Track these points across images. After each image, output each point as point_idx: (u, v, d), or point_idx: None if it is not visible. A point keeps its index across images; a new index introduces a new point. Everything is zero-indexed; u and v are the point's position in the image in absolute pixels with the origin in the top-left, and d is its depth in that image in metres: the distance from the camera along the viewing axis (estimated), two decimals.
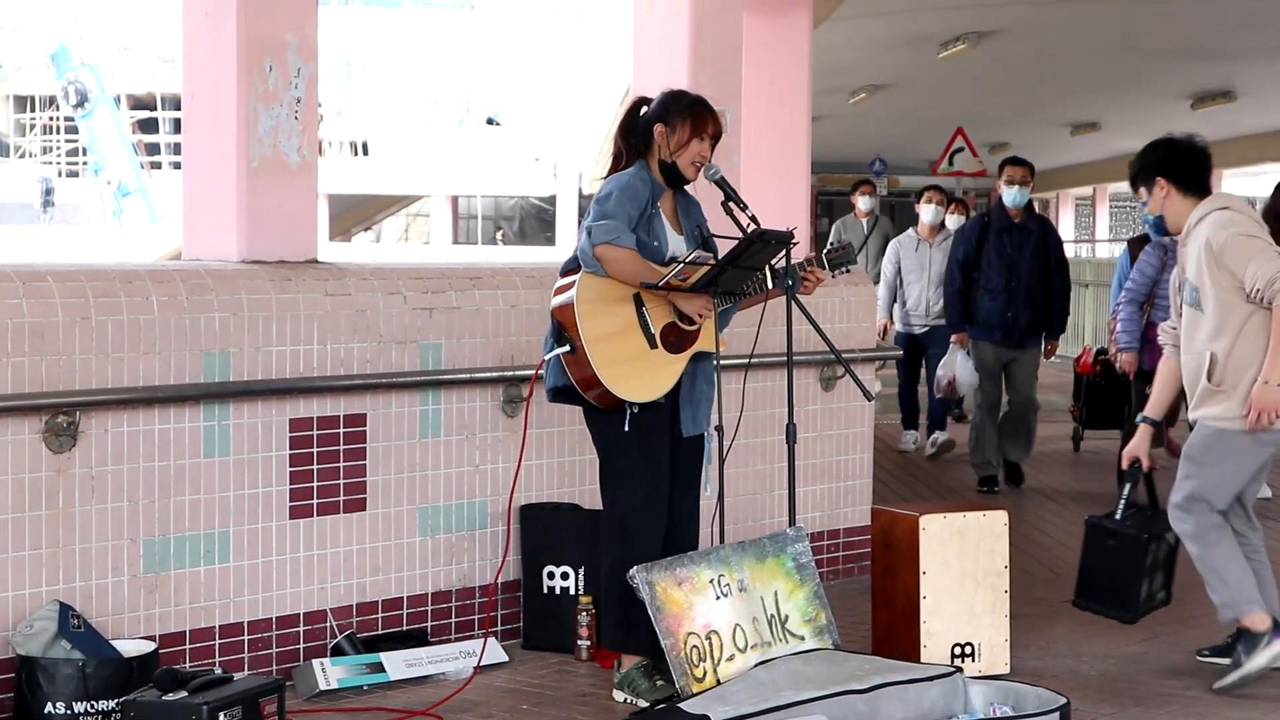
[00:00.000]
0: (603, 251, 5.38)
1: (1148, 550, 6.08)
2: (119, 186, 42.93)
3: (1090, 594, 6.21)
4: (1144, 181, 6.04)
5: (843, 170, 38.59)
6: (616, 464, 5.57)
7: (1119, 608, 6.14)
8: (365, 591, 6.02)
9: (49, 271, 5.34)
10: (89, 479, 5.32)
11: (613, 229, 5.38)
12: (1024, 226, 10.06)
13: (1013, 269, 9.96)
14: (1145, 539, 6.07)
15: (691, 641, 5.29)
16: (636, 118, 5.65)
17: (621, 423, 5.49)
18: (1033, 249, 10.01)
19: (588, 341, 5.36)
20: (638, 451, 5.52)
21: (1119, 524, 6.13)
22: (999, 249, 10.00)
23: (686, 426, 5.60)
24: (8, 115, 61.01)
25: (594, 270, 5.41)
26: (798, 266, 5.61)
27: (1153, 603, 6.21)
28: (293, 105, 6.05)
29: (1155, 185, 5.99)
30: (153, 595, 5.48)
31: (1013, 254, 9.99)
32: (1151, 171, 6.02)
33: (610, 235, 5.37)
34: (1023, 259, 9.98)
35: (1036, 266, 10.01)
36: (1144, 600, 6.15)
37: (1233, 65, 21.45)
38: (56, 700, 5.01)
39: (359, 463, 5.98)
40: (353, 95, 51.20)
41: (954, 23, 18.33)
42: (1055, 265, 10.05)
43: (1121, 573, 6.11)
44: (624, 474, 5.55)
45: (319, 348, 5.85)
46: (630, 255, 5.40)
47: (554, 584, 6.29)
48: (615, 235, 5.38)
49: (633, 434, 5.48)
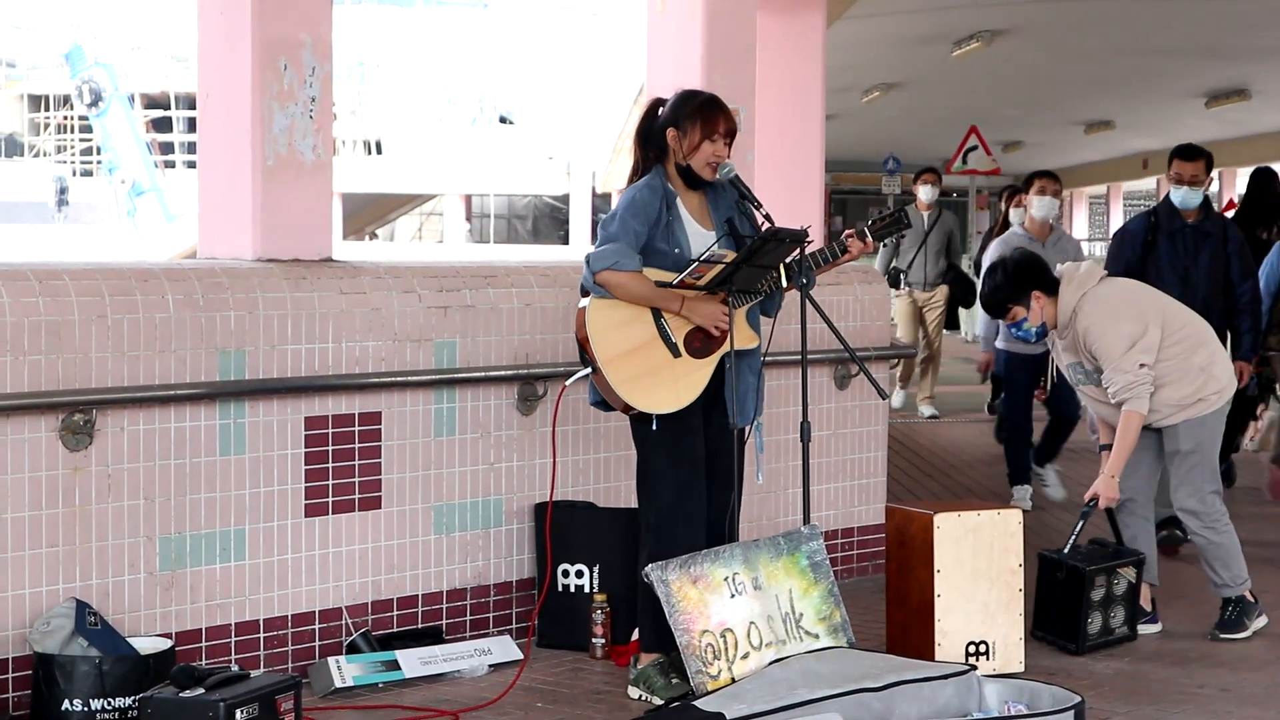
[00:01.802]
0: (604, 278, 5.42)
1: (1093, 583, 6.30)
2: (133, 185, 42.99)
3: (1043, 625, 6.41)
4: (1019, 301, 6.47)
5: (856, 169, 38.61)
6: (651, 466, 5.59)
7: (1067, 638, 6.32)
8: (380, 589, 6.03)
9: (65, 270, 5.35)
10: (105, 477, 5.33)
11: (611, 254, 5.41)
12: (1200, 229, 8.32)
13: (1186, 279, 8.23)
14: (1090, 572, 6.30)
15: (706, 639, 5.30)
16: (652, 122, 5.66)
17: (650, 425, 5.51)
18: (1210, 255, 8.31)
19: (604, 363, 5.42)
20: (667, 452, 5.54)
21: (1066, 557, 6.39)
22: (1170, 255, 8.29)
23: (736, 419, 5.57)
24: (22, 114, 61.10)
25: (602, 294, 5.45)
26: (835, 242, 5.66)
27: (1109, 636, 6.37)
28: (307, 104, 6.06)
29: (1033, 299, 6.45)
30: (169, 593, 5.49)
31: (1186, 262, 8.30)
32: (1027, 289, 6.46)
33: (608, 262, 5.41)
34: (1198, 267, 8.28)
35: (1215, 276, 8.30)
36: (1097, 634, 6.33)
37: (1247, 64, 21.42)
38: (73, 697, 5.02)
39: (374, 461, 5.99)
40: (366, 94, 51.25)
41: (967, 21, 18.32)
42: (1239, 272, 8.34)
43: (1069, 605, 6.31)
44: (655, 474, 5.57)
45: (334, 346, 5.87)
46: (632, 278, 5.43)
47: (569, 582, 6.29)
48: (614, 260, 5.41)
49: (661, 435, 5.50)
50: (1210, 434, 6.49)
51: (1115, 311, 6.36)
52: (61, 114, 55.79)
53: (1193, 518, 6.48)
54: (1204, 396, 6.43)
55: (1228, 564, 6.52)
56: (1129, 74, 22.67)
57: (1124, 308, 6.39)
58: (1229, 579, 6.53)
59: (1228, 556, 6.51)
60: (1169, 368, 6.38)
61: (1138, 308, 6.40)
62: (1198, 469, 6.45)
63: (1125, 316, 6.35)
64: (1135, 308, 6.40)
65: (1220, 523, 6.49)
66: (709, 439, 5.62)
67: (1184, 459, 6.45)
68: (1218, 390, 6.44)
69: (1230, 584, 6.53)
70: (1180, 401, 6.40)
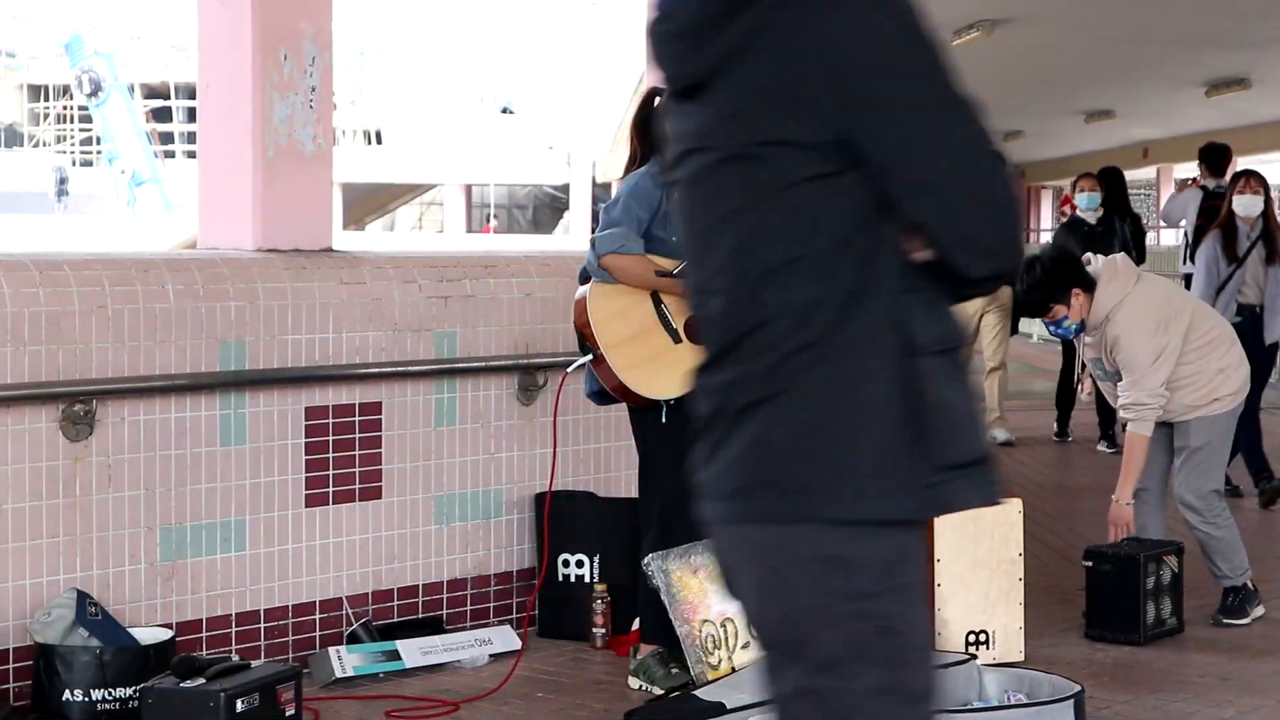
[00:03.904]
0: (609, 261, 5.42)
1: (1145, 569, 6.26)
2: (133, 175, 43.03)
3: (1096, 623, 6.35)
4: (1060, 300, 6.36)
5: None
6: (654, 457, 5.59)
7: (1126, 630, 6.27)
8: (381, 579, 6.03)
9: (65, 260, 5.36)
10: (106, 467, 5.34)
11: (616, 237, 5.42)
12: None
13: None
14: (1144, 558, 6.27)
15: (707, 629, 5.30)
16: (649, 112, 5.66)
17: (658, 417, 5.51)
18: None
19: (606, 349, 5.41)
20: (674, 444, 5.53)
21: (1112, 548, 6.38)
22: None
23: None
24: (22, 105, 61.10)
25: (604, 279, 5.45)
26: None
27: (1162, 627, 6.34)
28: (308, 94, 6.06)
29: (1073, 297, 6.34)
30: (169, 583, 5.50)
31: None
32: (1067, 287, 6.35)
33: (613, 244, 5.41)
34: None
35: None
36: (1152, 624, 6.29)
37: (1249, 53, 21.39)
38: (74, 688, 5.03)
39: (374, 451, 5.99)
40: (367, 84, 51.25)
41: (967, 10, 18.30)
42: None
43: (1124, 596, 6.28)
44: (662, 467, 5.56)
45: (334, 336, 5.87)
46: (637, 260, 5.42)
47: (569, 572, 6.30)
48: (619, 243, 5.41)
49: (669, 426, 5.50)
50: (1222, 432, 6.46)
51: (1145, 324, 6.27)
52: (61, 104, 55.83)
53: (1192, 513, 6.47)
54: (1219, 396, 6.39)
55: (1228, 557, 6.52)
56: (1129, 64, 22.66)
57: (1154, 317, 6.29)
58: (1229, 570, 6.53)
59: (1229, 550, 6.51)
60: (1187, 370, 6.33)
61: (1167, 314, 6.32)
62: (1203, 465, 6.43)
63: (1153, 329, 6.27)
64: (1165, 314, 6.31)
65: (1221, 518, 6.48)
66: None
67: (1192, 454, 6.43)
68: (1233, 391, 6.40)
69: (1231, 575, 6.53)
70: (1194, 404, 6.38)
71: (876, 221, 2.34)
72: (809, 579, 2.35)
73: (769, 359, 2.35)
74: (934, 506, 2.37)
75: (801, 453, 2.33)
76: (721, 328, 2.42)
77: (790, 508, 2.34)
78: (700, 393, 2.47)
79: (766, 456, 2.35)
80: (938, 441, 2.33)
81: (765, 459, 2.35)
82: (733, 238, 2.39)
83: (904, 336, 2.34)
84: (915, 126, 2.31)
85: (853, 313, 2.33)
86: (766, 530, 2.36)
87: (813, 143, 2.32)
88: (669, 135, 2.55)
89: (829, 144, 2.32)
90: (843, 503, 2.32)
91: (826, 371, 2.33)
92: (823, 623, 2.36)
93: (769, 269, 2.35)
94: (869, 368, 2.33)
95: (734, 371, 2.39)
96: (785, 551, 2.35)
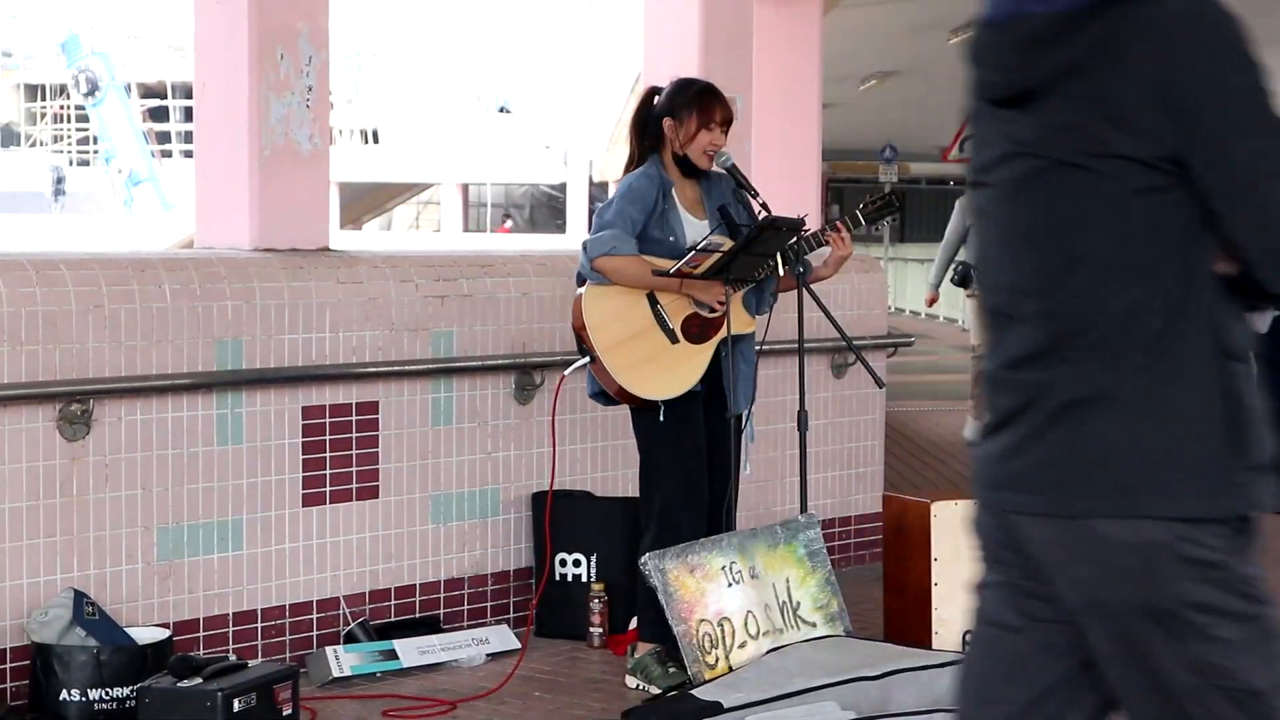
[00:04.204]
0: (602, 264, 5.42)
1: None
2: (130, 175, 43.04)
3: None
4: None
5: (853, 157, 38.63)
6: (654, 456, 5.59)
7: None
8: (378, 579, 6.03)
9: (62, 260, 5.35)
10: (103, 467, 5.34)
11: (608, 239, 5.42)
12: None
13: None
14: None
15: (704, 628, 5.31)
16: (647, 112, 5.66)
17: (657, 417, 5.51)
18: None
19: (602, 351, 5.42)
20: (673, 443, 5.54)
21: None
22: None
23: (734, 406, 5.57)
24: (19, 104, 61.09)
25: (599, 281, 5.45)
26: (819, 231, 5.63)
27: None
28: (304, 93, 6.06)
29: None
30: (166, 583, 5.50)
31: None
32: None
33: (605, 247, 5.41)
34: None
35: None
36: None
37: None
38: (71, 687, 5.02)
39: (371, 450, 5.99)
40: (363, 83, 51.27)
41: (964, 8, 18.29)
42: None
43: None
44: (661, 466, 5.57)
45: (331, 336, 5.87)
46: (630, 261, 5.42)
47: (566, 571, 6.30)
48: (611, 246, 5.41)
49: (668, 425, 5.50)
50: None
51: None
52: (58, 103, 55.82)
53: None
54: None
55: None
56: None
57: None
58: None
59: None
60: None
61: None
62: None
63: None
64: None
65: None
66: (707, 431, 5.62)
67: None
68: None
69: None
70: None
71: (1200, 234, 2.46)
72: (1169, 571, 2.46)
73: (1098, 360, 2.47)
74: (1246, 504, 2.49)
75: (1132, 451, 2.45)
76: (1039, 327, 2.52)
77: (1124, 504, 2.45)
78: (1003, 386, 2.58)
79: (1095, 453, 2.46)
80: (1248, 443, 2.47)
81: (1094, 456, 2.46)
82: (1060, 242, 2.49)
83: (1221, 343, 2.47)
84: (1244, 152, 2.43)
85: (1178, 320, 2.45)
86: (1098, 524, 2.47)
87: (1146, 159, 2.42)
88: (980, 138, 2.63)
89: (1162, 159, 2.42)
90: (1174, 500, 2.44)
91: (1155, 374, 2.45)
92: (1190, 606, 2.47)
93: (1101, 275, 2.46)
94: (1195, 372, 2.45)
95: (1055, 370, 2.50)
96: (1123, 544, 2.46)
